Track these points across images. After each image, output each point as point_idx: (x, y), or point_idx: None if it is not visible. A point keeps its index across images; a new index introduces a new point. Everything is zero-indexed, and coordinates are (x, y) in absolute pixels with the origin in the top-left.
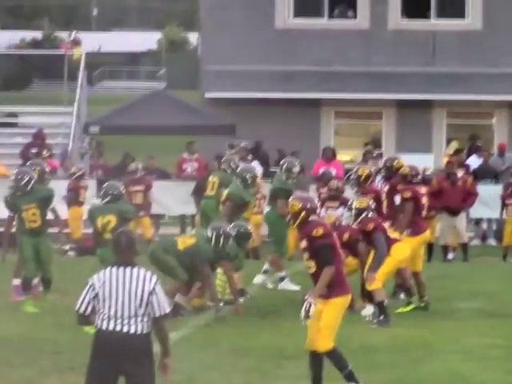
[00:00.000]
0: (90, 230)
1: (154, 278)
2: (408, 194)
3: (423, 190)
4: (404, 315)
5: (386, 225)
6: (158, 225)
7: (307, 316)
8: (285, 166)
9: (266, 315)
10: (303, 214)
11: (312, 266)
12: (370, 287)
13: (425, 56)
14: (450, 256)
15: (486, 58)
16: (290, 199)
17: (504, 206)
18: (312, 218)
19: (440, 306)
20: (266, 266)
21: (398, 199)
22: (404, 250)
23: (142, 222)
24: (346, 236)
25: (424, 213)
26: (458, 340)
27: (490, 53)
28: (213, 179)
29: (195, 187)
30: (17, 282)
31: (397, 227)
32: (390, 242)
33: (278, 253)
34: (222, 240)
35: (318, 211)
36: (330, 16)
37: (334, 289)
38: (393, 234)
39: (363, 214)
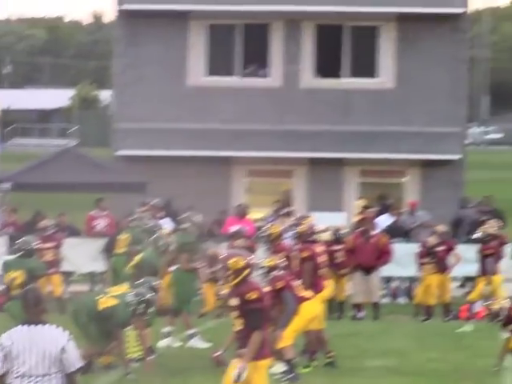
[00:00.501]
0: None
1: (66, 335)
2: (306, 254)
3: (319, 248)
4: (314, 372)
5: (297, 283)
6: (67, 282)
7: (238, 381)
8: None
9: (175, 373)
10: (246, 271)
11: (239, 325)
12: (279, 345)
13: (337, 115)
14: (361, 314)
15: (397, 116)
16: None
17: (420, 264)
18: (250, 278)
19: (350, 364)
20: (166, 329)
21: None
22: (313, 308)
23: (52, 279)
24: None
25: (321, 271)
26: None
27: (402, 111)
28: (123, 236)
29: (106, 244)
30: None
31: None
32: (300, 300)
33: (185, 310)
34: (143, 307)
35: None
36: (243, 75)
37: (259, 352)
38: (302, 293)
39: (273, 273)
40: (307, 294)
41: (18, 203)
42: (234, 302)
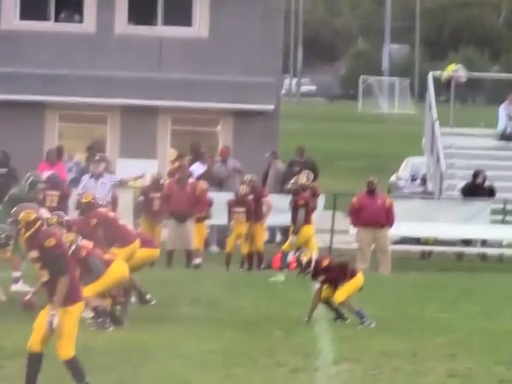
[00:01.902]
0: None
1: None
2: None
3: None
4: (132, 322)
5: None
6: None
7: (51, 329)
8: (31, 179)
9: None
10: (38, 223)
11: (45, 275)
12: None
13: (151, 62)
14: (198, 260)
15: (212, 66)
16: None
17: (230, 213)
18: (44, 227)
19: (162, 311)
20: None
21: None
22: (120, 268)
23: None
24: None
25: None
26: (179, 345)
27: (216, 61)
28: None
29: None
30: None
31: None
32: (107, 263)
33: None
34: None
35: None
36: (56, 20)
37: (69, 297)
38: (107, 256)
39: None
40: (111, 256)
41: None
42: (35, 254)
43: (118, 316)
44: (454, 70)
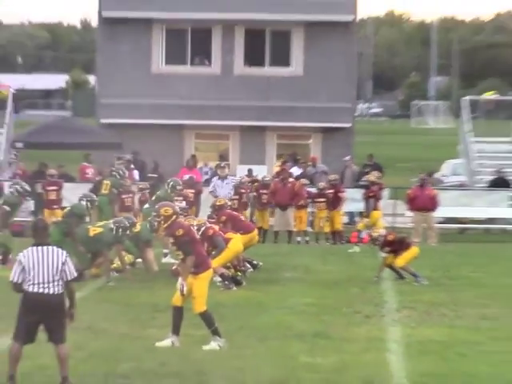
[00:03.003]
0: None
1: (65, 253)
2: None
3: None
4: (247, 281)
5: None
6: None
7: (182, 293)
8: (171, 183)
9: (145, 281)
10: (174, 217)
11: (180, 254)
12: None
13: (261, 93)
14: (299, 238)
15: (305, 95)
16: (159, 205)
17: (314, 202)
18: (177, 220)
19: (270, 275)
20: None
21: None
22: (237, 244)
23: (55, 213)
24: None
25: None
26: (283, 299)
27: (309, 92)
28: (106, 182)
29: (92, 187)
30: None
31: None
32: (226, 240)
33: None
34: (120, 231)
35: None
36: (192, 63)
37: (199, 268)
38: (228, 235)
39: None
40: (231, 235)
41: (28, 157)
42: (171, 239)
43: (239, 279)
44: (492, 95)
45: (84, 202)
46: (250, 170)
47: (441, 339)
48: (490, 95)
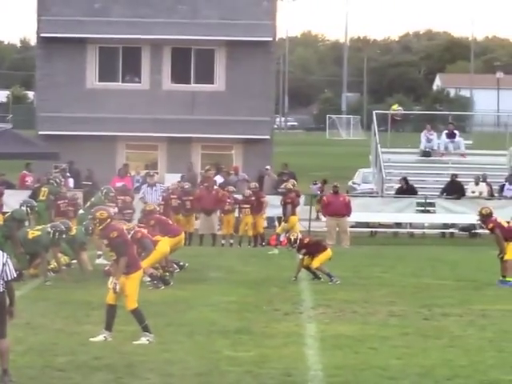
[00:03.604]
0: None
1: (5, 254)
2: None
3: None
4: (174, 280)
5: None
6: None
7: (115, 292)
8: (105, 191)
9: (79, 281)
10: (108, 220)
11: (113, 255)
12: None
13: (187, 108)
14: (223, 241)
15: (228, 109)
16: (95, 209)
17: (239, 208)
18: (111, 223)
19: (196, 275)
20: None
21: None
22: (164, 246)
23: None
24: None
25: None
26: (208, 297)
27: (231, 106)
28: (44, 189)
29: (31, 194)
30: None
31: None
32: (155, 242)
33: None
34: (57, 234)
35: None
36: (123, 80)
37: (130, 268)
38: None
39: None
40: (159, 238)
41: None
42: (105, 241)
43: (167, 279)
44: (396, 109)
45: (24, 208)
46: (182, 177)
47: (353, 334)
48: (395, 108)
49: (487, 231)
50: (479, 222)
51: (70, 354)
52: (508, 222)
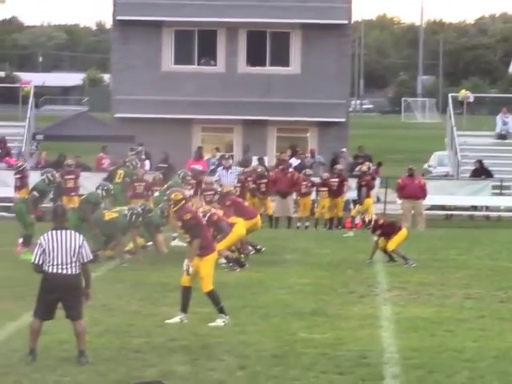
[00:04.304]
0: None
1: (81, 236)
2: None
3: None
4: (249, 262)
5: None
6: None
7: (188, 273)
8: (182, 174)
9: (155, 263)
10: (183, 202)
11: (187, 237)
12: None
13: (262, 91)
14: (299, 224)
15: (303, 92)
16: (171, 191)
17: (317, 191)
18: (186, 205)
19: (272, 258)
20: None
21: None
22: (240, 229)
23: (73, 199)
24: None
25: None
26: (283, 280)
27: (306, 89)
28: (120, 171)
29: (107, 176)
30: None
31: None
32: (231, 225)
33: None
34: (134, 217)
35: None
36: (199, 63)
37: (205, 250)
38: (231, 220)
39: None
40: (235, 220)
41: (48, 148)
42: (179, 223)
43: (242, 261)
44: (465, 93)
45: (99, 191)
46: (260, 159)
47: (429, 317)
48: (463, 94)
49: None
50: None
51: (146, 335)
52: None
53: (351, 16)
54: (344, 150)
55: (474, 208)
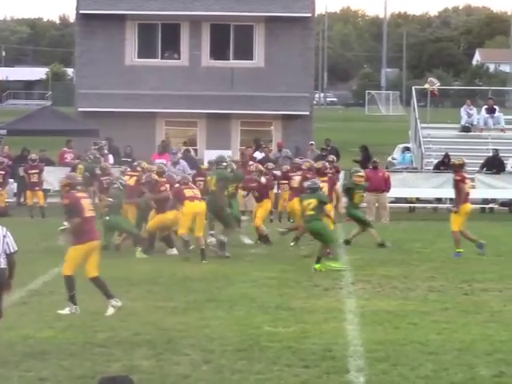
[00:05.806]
0: None
1: (4, 228)
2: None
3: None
4: (209, 257)
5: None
6: (46, 196)
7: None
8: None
9: (117, 256)
10: (67, 188)
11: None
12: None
13: (226, 84)
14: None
15: (267, 86)
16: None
17: (278, 184)
18: (72, 191)
19: (236, 252)
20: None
21: None
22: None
23: (37, 194)
24: None
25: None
26: (248, 274)
27: (269, 82)
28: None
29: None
30: None
31: None
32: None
33: None
34: None
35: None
36: (162, 57)
37: (77, 239)
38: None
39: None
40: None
41: (11, 143)
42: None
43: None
44: (429, 82)
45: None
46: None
47: (393, 310)
48: (428, 87)
49: None
50: None
51: (110, 330)
52: None
53: (315, 9)
54: (312, 142)
55: (439, 200)
